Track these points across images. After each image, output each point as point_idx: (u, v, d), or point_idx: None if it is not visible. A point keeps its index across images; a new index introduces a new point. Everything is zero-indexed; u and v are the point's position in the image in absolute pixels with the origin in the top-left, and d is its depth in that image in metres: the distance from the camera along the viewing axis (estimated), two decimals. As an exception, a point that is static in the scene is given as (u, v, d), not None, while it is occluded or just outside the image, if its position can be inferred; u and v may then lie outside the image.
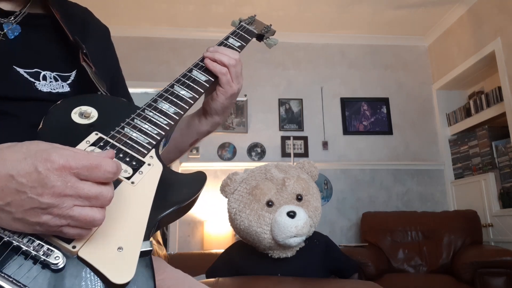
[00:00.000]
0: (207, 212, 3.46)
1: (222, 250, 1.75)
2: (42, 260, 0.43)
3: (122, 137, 0.58)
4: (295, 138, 3.88)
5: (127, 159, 0.55)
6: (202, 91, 0.73)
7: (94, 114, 0.61)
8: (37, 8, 0.73)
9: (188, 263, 2.12)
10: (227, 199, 1.58)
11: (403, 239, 3.13)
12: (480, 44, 3.41)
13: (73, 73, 0.71)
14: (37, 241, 0.43)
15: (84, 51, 0.70)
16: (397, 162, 3.89)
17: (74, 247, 0.44)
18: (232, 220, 1.54)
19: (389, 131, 4.00)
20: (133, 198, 0.51)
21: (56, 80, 0.68)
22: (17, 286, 0.40)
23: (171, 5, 3.62)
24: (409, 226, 3.17)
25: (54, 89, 0.67)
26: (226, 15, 3.68)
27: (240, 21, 0.93)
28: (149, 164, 0.56)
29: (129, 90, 0.91)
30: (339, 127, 3.98)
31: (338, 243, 2.40)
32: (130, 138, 0.58)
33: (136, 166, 0.55)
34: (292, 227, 1.39)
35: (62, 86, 0.68)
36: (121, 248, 0.45)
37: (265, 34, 0.95)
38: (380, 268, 2.79)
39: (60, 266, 0.43)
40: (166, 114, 0.65)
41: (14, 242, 0.42)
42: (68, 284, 0.43)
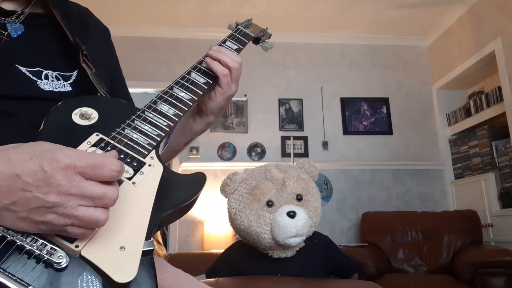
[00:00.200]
0: (207, 212, 3.46)
1: (222, 250, 1.75)
2: (45, 259, 0.43)
3: (123, 138, 0.58)
4: (295, 138, 3.88)
5: (128, 160, 0.55)
6: (201, 93, 0.74)
7: (94, 115, 0.61)
8: (37, 8, 0.74)
9: (188, 263, 2.12)
10: (227, 199, 1.59)
11: (403, 239, 3.13)
12: (480, 44, 3.41)
13: (75, 73, 0.71)
14: (40, 240, 0.44)
15: (84, 52, 0.71)
16: (397, 162, 3.89)
17: (77, 246, 0.44)
18: (232, 220, 1.54)
19: (389, 131, 4.00)
20: (135, 198, 0.51)
21: (57, 79, 0.68)
22: (21, 284, 0.40)
23: (171, 5, 3.62)
24: (409, 226, 3.17)
25: (56, 88, 0.67)
26: (226, 15, 3.68)
27: (237, 24, 0.94)
28: (149, 165, 0.56)
29: (129, 90, 0.91)
30: (339, 127, 3.98)
31: (338, 243, 2.40)
32: (131, 139, 0.59)
33: (137, 166, 0.55)
34: (292, 227, 1.40)
35: (64, 85, 0.68)
36: (123, 247, 0.46)
37: (261, 38, 0.96)
38: (380, 268, 2.79)
39: (63, 265, 0.43)
40: (166, 115, 0.66)
41: (17, 241, 0.43)
42: (70, 283, 0.43)
